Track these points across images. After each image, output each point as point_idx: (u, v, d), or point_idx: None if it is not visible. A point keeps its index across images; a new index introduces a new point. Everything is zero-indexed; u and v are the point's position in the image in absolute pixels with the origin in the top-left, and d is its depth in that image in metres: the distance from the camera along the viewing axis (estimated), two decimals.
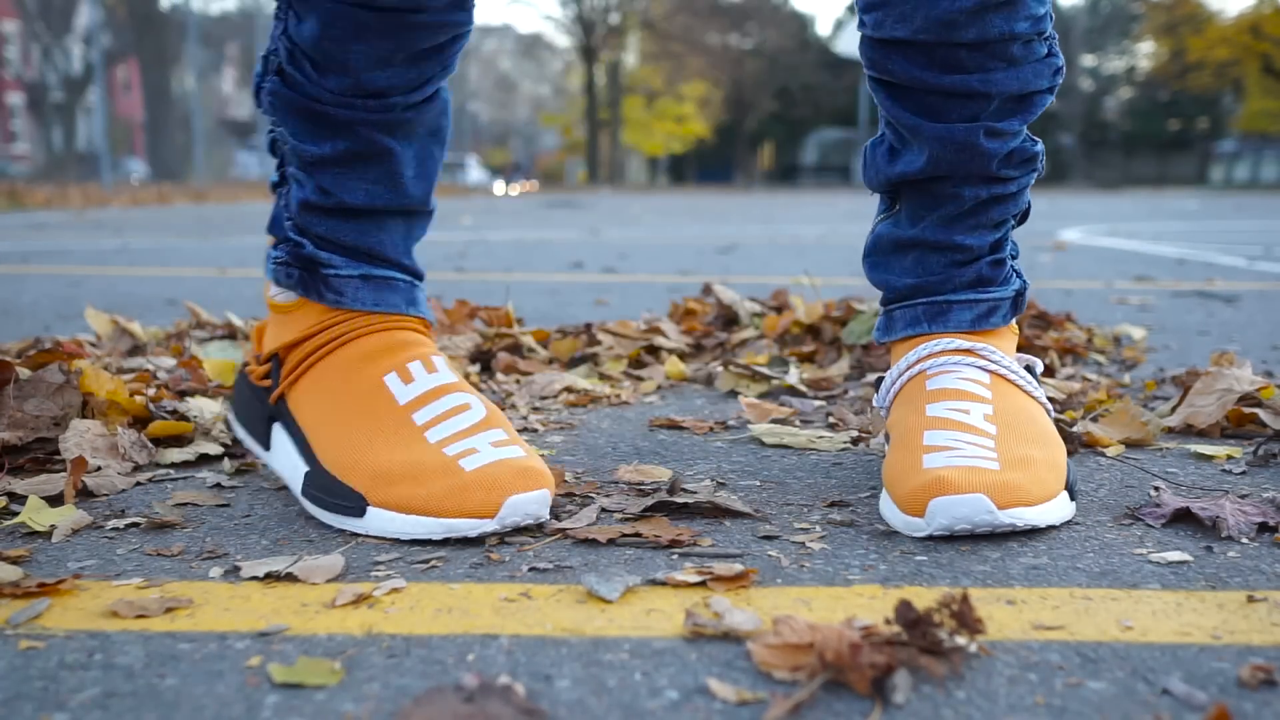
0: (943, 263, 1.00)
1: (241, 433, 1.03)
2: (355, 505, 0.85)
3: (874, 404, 1.09)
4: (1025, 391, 0.96)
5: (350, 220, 0.96)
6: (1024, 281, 1.03)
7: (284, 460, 0.95)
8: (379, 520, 0.84)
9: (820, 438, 1.17)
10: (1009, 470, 0.84)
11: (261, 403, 0.98)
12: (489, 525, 0.82)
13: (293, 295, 0.97)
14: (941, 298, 1.00)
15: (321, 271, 0.95)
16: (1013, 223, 1.02)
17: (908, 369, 0.98)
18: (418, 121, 0.95)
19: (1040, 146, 0.99)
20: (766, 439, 1.17)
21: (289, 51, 0.91)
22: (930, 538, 0.83)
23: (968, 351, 0.97)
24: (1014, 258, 1.04)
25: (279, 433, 0.96)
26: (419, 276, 1.01)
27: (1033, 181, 1.00)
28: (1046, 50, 0.95)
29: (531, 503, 0.83)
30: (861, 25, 0.96)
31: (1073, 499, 0.89)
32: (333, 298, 0.95)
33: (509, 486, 0.82)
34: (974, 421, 0.90)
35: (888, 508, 0.88)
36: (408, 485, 0.84)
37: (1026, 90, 0.94)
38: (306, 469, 0.91)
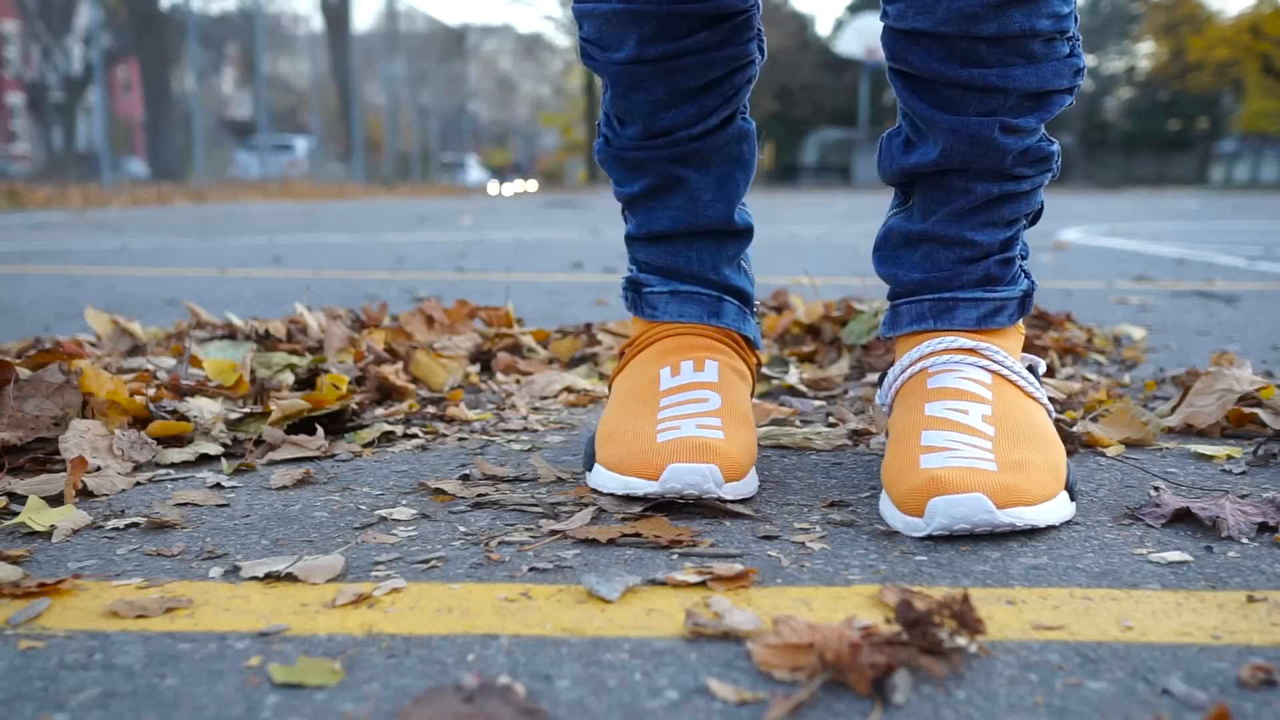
0: (951, 259, 1.00)
1: None
2: (589, 461, 0.99)
3: (876, 401, 1.11)
4: (1027, 393, 0.96)
5: (661, 244, 1.09)
6: (1032, 282, 1.03)
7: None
8: (595, 475, 0.96)
9: (818, 434, 1.17)
10: (1006, 472, 0.85)
11: None
12: (652, 486, 0.90)
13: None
14: (949, 294, 1.00)
15: (643, 290, 1.09)
16: (1024, 222, 1.02)
17: (910, 366, 0.98)
18: (709, 149, 1.05)
19: (1056, 147, 0.99)
20: (763, 440, 1.17)
21: (605, 116, 1.07)
22: (930, 537, 0.83)
23: (971, 351, 0.97)
24: (1024, 258, 1.04)
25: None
26: (732, 290, 1.10)
27: (1047, 181, 1.00)
28: (1068, 50, 0.95)
29: (692, 473, 0.88)
30: (884, 15, 0.96)
31: (1073, 499, 0.89)
32: (649, 311, 1.08)
33: (674, 456, 0.90)
34: (972, 422, 0.91)
35: (886, 507, 0.89)
36: (615, 446, 0.95)
37: (1045, 88, 0.94)
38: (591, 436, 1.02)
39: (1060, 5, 0.92)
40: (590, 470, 0.98)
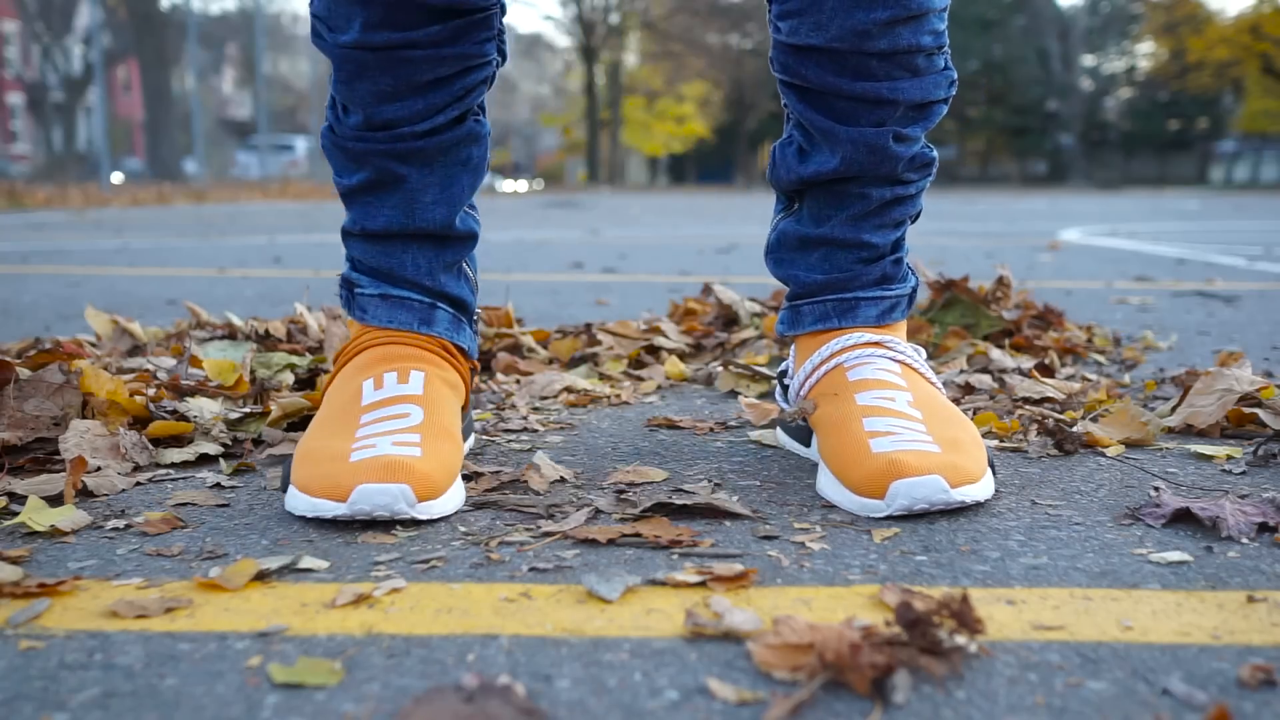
0: (850, 260, 1.06)
1: None
2: (284, 482, 0.93)
3: (776, 398, 1.14)
4: (928, 379, 1.04)
5: (375, 243, 1.04)
6: (917, 279, 1.11)
7: None
8: (289, 496, 0.91)
9: None
10: (949, 452, 0.91)
11: None
12: (340, 509, 0.86)
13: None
14: (850, 294, 1.06)
15: (354, 290, 1.05)
16: (909, 223, 1.09)
17: (823, 362, 1.04)
18: (433, 149, 1.01)
19: (936, 153, 1.06)
20: (767, 440, 1.17)
21: (331, 100, 1.02)
22: (927, 536, 0.83)
23: (878, 345, 1.03)
24: (905, 255, 1.10)
25: None
26: (447, 298, 1.06)
27: (927, 185, 1.07)
28: (944, 63, 1.02)
29: (382, 494, 0.85)
30: (776, 31, 1.01)
31: (994, 474, 0.96)
32: (359, 314, 1.04)
33: (363, 476, 0.86)
34: (901, 408, 0.97)
35: (837, 493, 0.93)
36: (309, 466, 0.90)
37: (928, 99, 1.00)
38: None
39: (938, 21, 0.98)
40: (285, 491, 0.93)
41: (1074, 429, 1.15)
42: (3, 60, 32.72)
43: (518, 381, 1.52)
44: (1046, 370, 1.53)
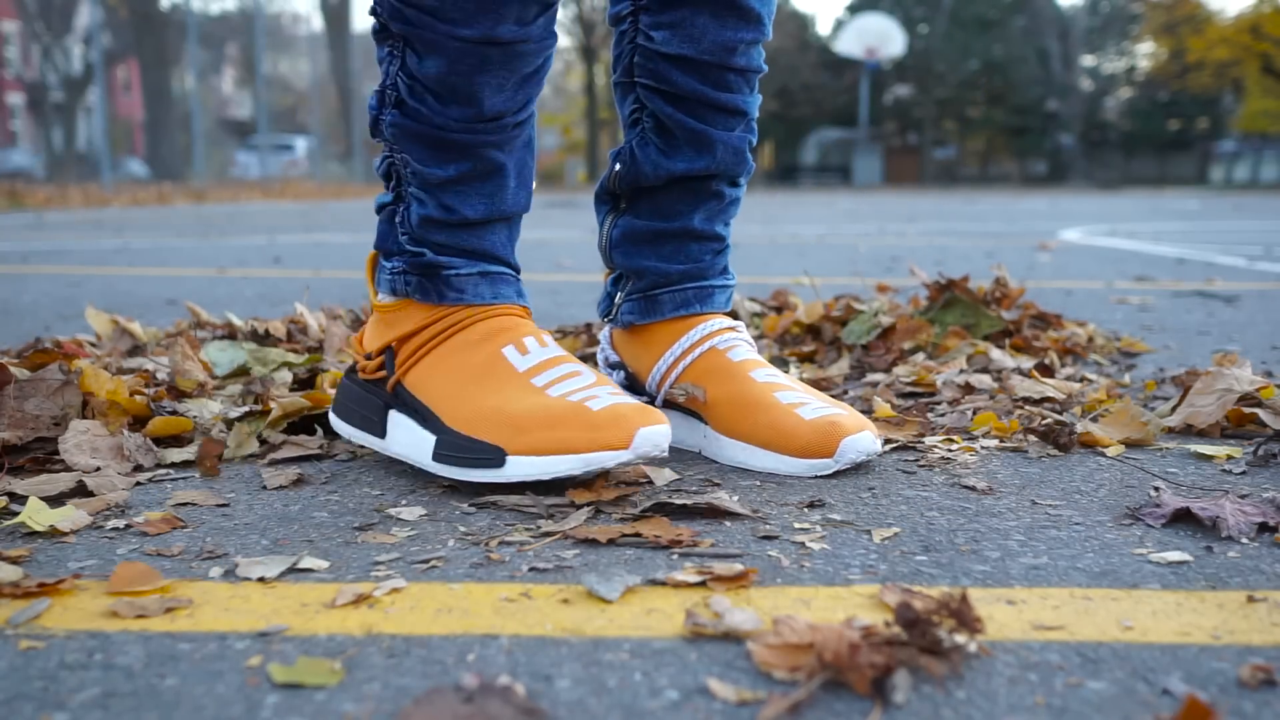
0: (704, 251, 1.16)
1: (350, 430, 1.08)
2: (494, 457, 0.94)
3: (652, 377, 1.16)
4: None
5: (467, 229, 1.04)
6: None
7: (405, 439, 1.01)
8: (520, 466, 0.93)
9: None
10: (854, 412, 1.06)
11: (376, 395, 1.05)
12: (624, 455, 0.92)
13: (395, 298, 1.05)
14: (706, 282, 1.17)
15: (442, 274, 1.03)
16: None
17: (694, 346, 1.13)
18: (523, 137, 1.05)
19: (753, 164, 1.19)
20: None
21: (409, 86, 0.99)
22: (930, 536, 0.83)
23: (733, 329, 1.15)
24: None
25: (398, 417, 1.02)
26: (517, 270, 1.10)
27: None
28: (759, 86, 1.16)
29: (656, 434, 0.94)
30: (647, 40, 1.09)
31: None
32: (454, 295, 1.03)
33: (636, 420, 0.93)
34: (793, 383, 1.10)
35: (775, 461, 1.03)
36: (542, 430, 0.93)
37: (754, 115, 1.15)
38: (435, 437, 0.98)
39: (761, 51, 1.13)
40: (502, 465, 0.93)
41: (1067, 421, 1.15)
42: (3, 60, 32.71)
43: None
44: (1046, 370, 1.53)
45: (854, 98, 31.50)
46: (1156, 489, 0.96)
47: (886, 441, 1.16)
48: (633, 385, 1.18)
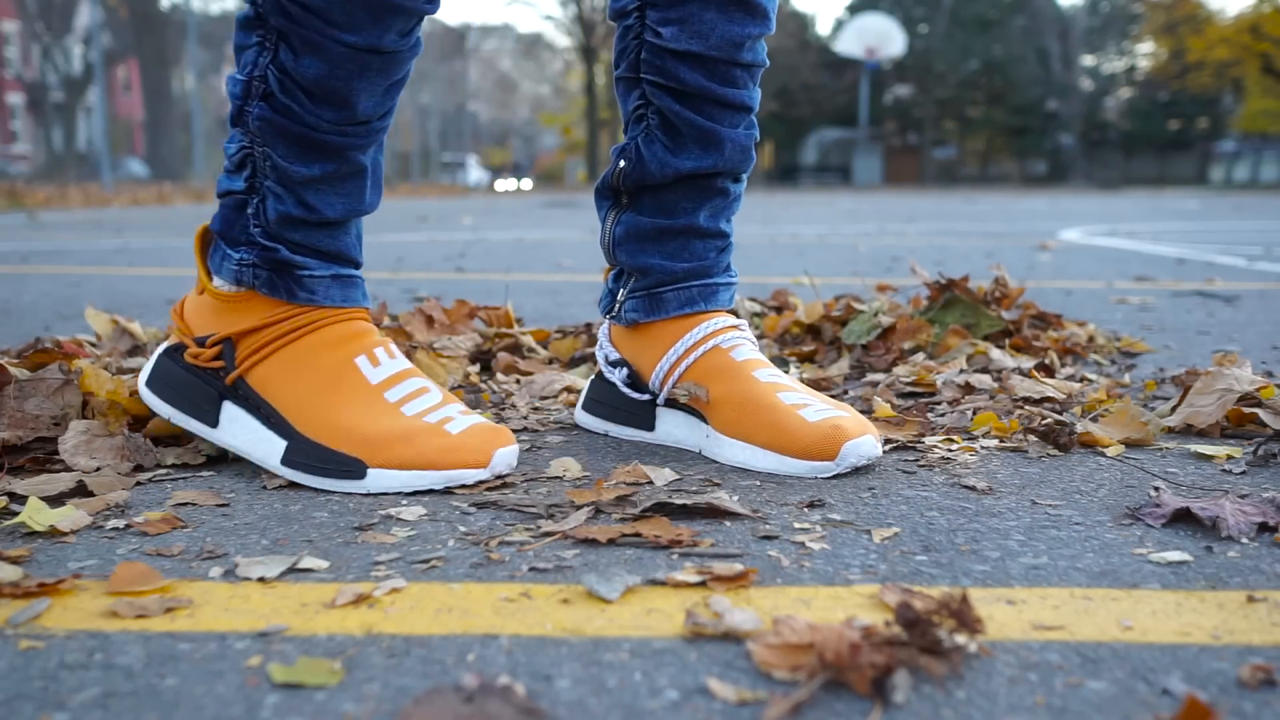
0: (709, 248, 1.16)
1: (168, 410, 1.07)
2: (354, 469, 0.96)
3: (655, 377, 1.16)
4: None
5: (325, 229, 1.04)
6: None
7: (245, 435, 1.03)
8: (381, 479, 0.96)
9: None
10: (855, 415, 1.06)
11: (208, 383, 1.04)
12: (483, 474, 0.97)
13: (243, 289, 1.04)
14: (711, 280, 1.17)
15: (296, 273, 1.03)
16: None
17: (697, 344, 1.13)
18: (381, 139, 1.06)
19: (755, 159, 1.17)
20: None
21: (280, 81, 0.98)
22: (930, 536, 0.83)
23: (736, 327, 1.15)
24: None
25: (235, 411, 1.03)
26: (360, 267, 1.10)
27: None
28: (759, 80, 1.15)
29: (511, 454, 1.00)
30: (655, 36, 1.09)
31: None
32: (305, 295, 1.03)
33: (492, 442, 0.99)
34: (795, 384, 1.11)
35: (775, 462, 1.03)
36: (402, 446, 0.96)
37: (755, 109, 1.15)
38: (286, 443, 1.00)
39: (764, 45, 1.13)
40: (363, 477, 0.96)
41: (1067, 421, 1.15)
42: (3, 60, 32.71)
43: (518, 381, 1.52)
44: (1046, 370, 1.53)
45: (854, 98, 31.49)
46: (1156, 489, 0.96)
47: (887, 441, 1.16)
48: (635, 383, 1.18)
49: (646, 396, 1.17)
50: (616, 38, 1.13)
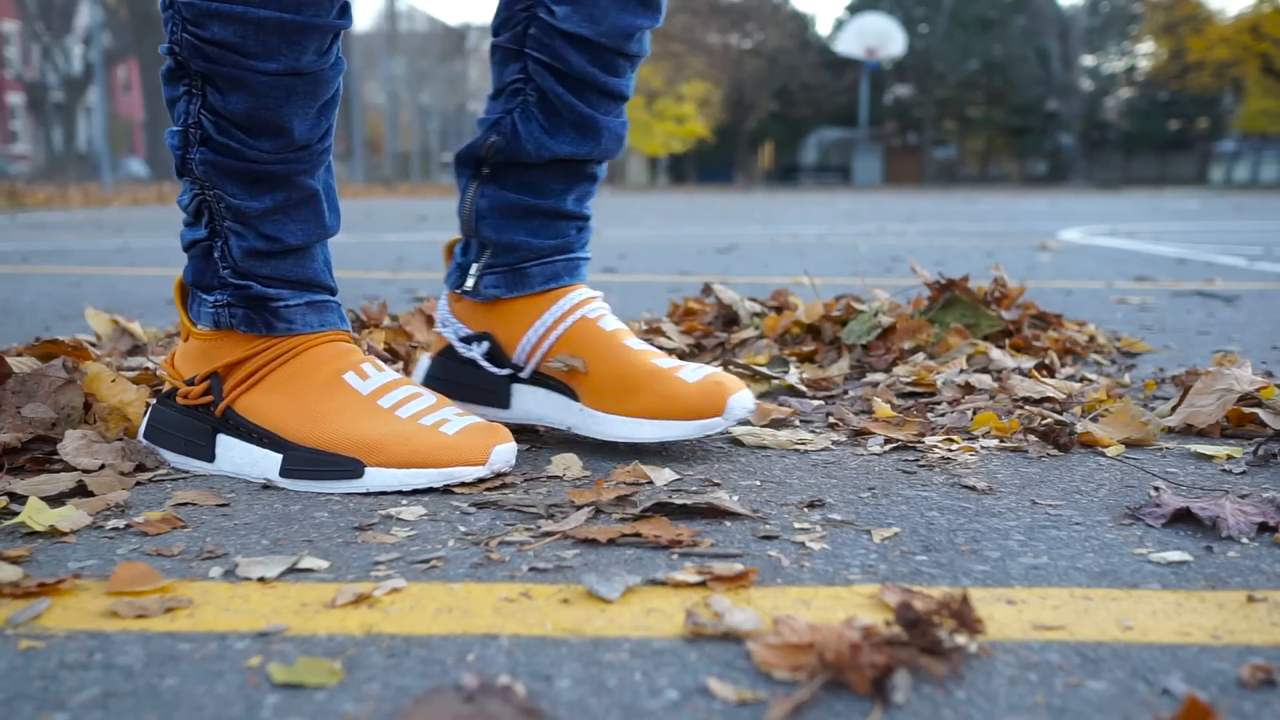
0: (571, 228, 1.19)
1: (170, 456, 1.07)
2: (352, 469, 0.97)
3: (521, 347, 1.17)
4: None
5: (290, 258, 1.05)
6: None
7: (240, 459, 1.03)
8: (379, 477, 0.96)
9: (801, 441, 1.17)
10: (725, 372, 1.14)
11: (201, 420, 1.05)
12: (482, 470, 0.98)
13: (218, 329, 1.04)
14: (573, 255, 1.19)
15: (270, 305, 1.04)
16: None
17: (565, 315, 1.15)
18: (326, 161, 1.06)
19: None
20: (747, 439, 1.17)
21: (214, 123, 0.98)
22: (930, 536, 0.83)
23: (597, 298, 1.19)
24: None
25: (229, 441, 1.03)
26: (336, 293, 1.11)
27: None
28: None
29: (509, 451, 1.01)
30: (548, 14, 1.09)
31: None
32: (283, 326, 1.04)
33: (490, 440, 0.99)
34: (657, 350, 1.15)
35: (662, 429, 1.07)
36: (399, 444, 0.97)
37: (628, 99, 1.16)
38: (280, 455, 1.00)
39: (649, 37, 1.14)
40: (360, 476, 0.96)
41: (1067, 421, 1.15)
42: (3, 60, 32.71)
43: None
44: (1047, 370, 1.53)
45: (854, 98, 31.49)
46: (1156, 489, 0.96)
47: (887, 441, 1.16)
48: (496, 357, 1.17)
49: (507, 371, 1.17)
50: (502, 4, 1.12)
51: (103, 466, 1.02)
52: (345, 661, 0.63)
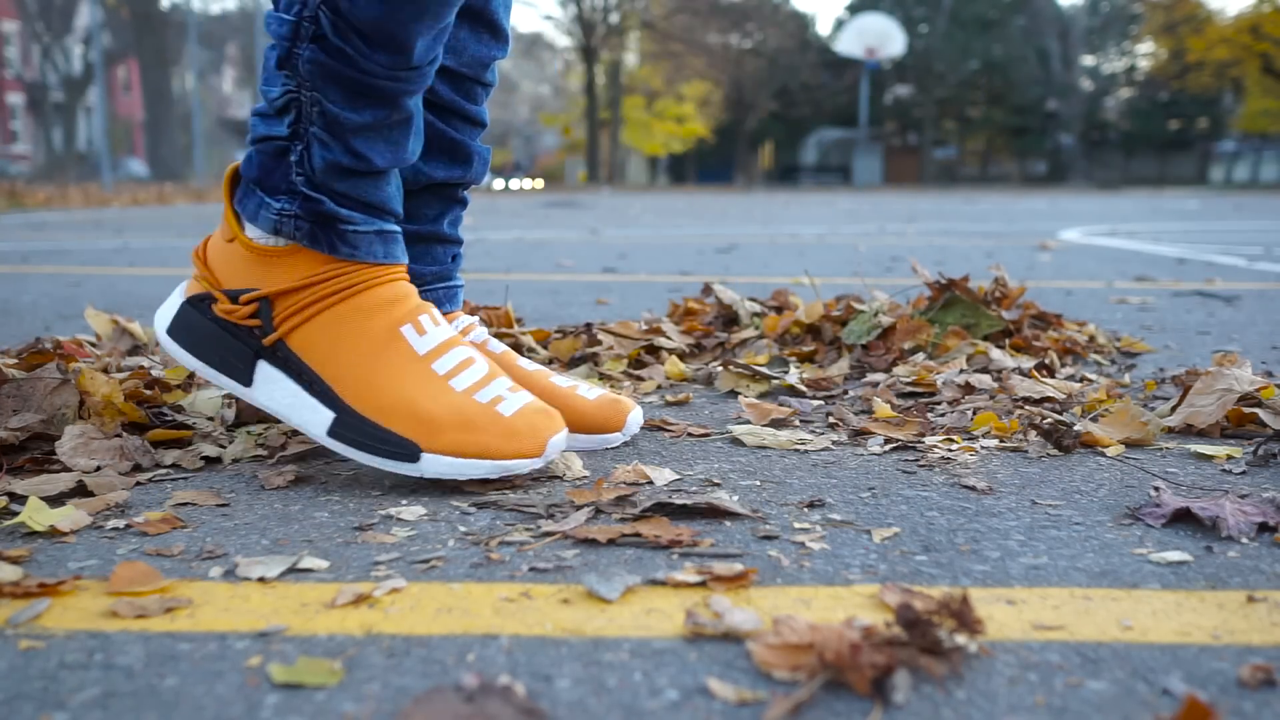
0: (446, 254, 1.23)
1: (195, 363, 1.03)
2: (408, 451, 0.95)
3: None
4: None
5: (370, 179, 1.00)
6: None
7: (284, 398, 1.00)
8: (436, 464, 0.95)
9: (801, 441, 1.17)
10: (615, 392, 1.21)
11: (242, 341, 1.00)
12: (537, 463, 0.97)
13: (280, 241, 0.99)
14: (452, 283, 1.23)
15: (339, 227, 0.99)
16: None
17: None
18: (429, 83, 1.02)
19: None
20: (747, 439, 1.17)
21: (333, 24, 0.92)
22: (930, 536, 0.83)
23: (475, 324, 1.22)
24: None
25: (272, 371, 1.00)
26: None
27: None
28: None
29: (562, 441, 0.99)
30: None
31: None
32: (347, 250, 0.99)
33: (546, 429, 0.98)
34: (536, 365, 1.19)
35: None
36: (457, 432, 0.95)
37: (486, 126, 1.21)
38: (333, 414, 0.98)
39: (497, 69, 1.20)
40: (416, 461, 0.95)
41: (1067, 421, 1.15)
42: (3, 60, 32.71)
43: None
44: (1047, 370, 1.53)
45: (854, 98, 31.49)
46: (1156, 489, 0.96)
47: (887, 441, 1.16)
48: None
49: None
50: None
51: (99, 468, 1.02)
52: (345, 661, 0.63)
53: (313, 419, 0.98)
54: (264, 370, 1.00)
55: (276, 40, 0.95)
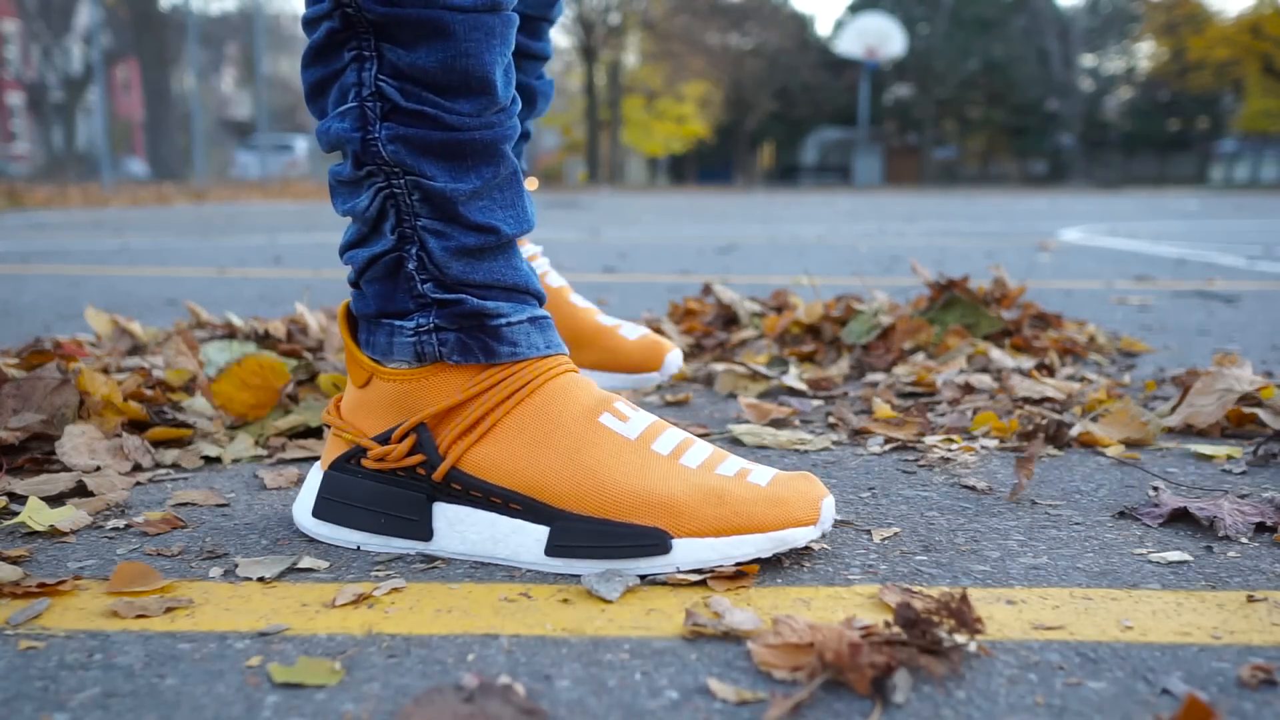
0: None
1: (362, 537, 0.84)
2: (655, 542, 0.76)
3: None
4: None
5: (502, 257, 0.84)
6: None
7: (477, 532, 0.81)
8: (694, 550, 0.76)
9: (801, 441, 1.17)
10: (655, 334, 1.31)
11: (408, 488, 0.82)
12: (814, 532, 0.78)
13: (420, 364, 0.83)
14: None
15: (489, 324, 0.82)
16: None
17: None
18: (517, 128, 0.86)
19: None
20: (747, 439, 1.17)
21: (400, 89, 0.78)
22: (930, 536, 0.83)
23: (537, 254, 1.25)
24: None
25: (453, 510, 0.81)
26: (545, 303, 0.90)
27: None
28: None
29: (832, 505, 0.80)
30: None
31: None
32: (508, 351, 0.83)
33: (813, 492, 0.79)
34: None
35: (604, 380, 1.26)
36: (711, 509, 0.77)
37: (549, 59, 1.24)
38: (547, 528, 0.78)
39: None
40: (667, 551, 0.76)
41: (1065, 420, 1.15)
42: (3, 60, 32.72)
43: None
44: (1047, 370, 1.53)
45: (854, 98, 31.48)
46: (1156, 489, 0.96)
47: (887, 441, 1.16)
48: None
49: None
50: None
51: (99, 468, 1.02)
52: (345, 661, 0.63)
53: (524, 542, 0.79)
54: (444, 513, 0.82)
55: (344, 141, 0.80)
